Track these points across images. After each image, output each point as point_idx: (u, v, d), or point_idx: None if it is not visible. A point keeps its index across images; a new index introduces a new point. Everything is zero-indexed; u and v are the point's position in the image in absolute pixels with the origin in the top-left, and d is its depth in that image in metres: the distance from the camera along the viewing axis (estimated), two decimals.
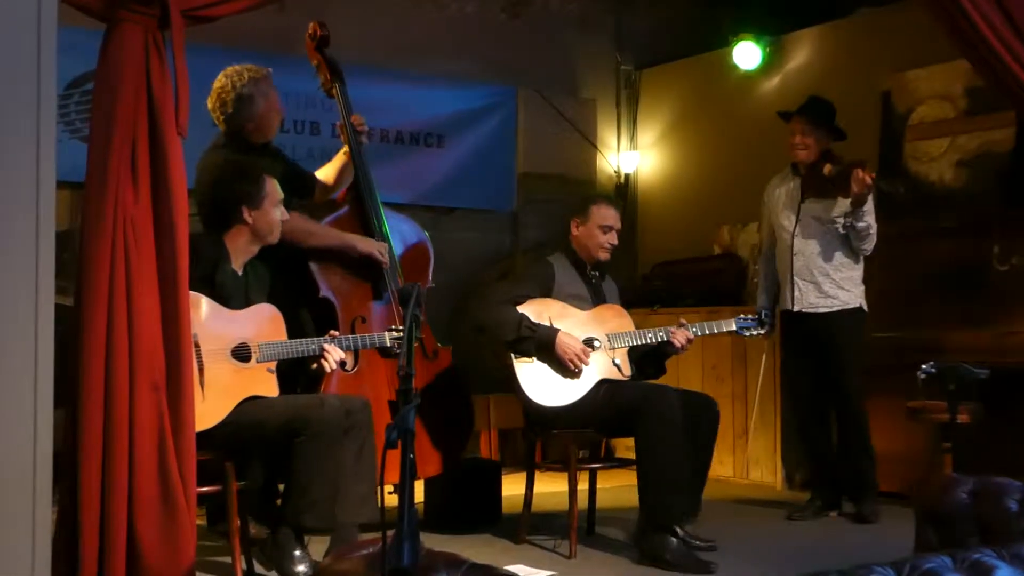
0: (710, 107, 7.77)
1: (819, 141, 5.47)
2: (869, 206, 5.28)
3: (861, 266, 5.48)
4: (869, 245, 5.41)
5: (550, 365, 4.73)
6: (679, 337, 4.89)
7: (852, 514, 5.46)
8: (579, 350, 4.70)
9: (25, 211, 3.12)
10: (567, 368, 4.70)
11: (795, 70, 7.24)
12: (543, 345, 4.69)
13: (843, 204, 5.35)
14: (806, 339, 5.48)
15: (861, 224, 5.30)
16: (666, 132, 8.06)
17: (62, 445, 3.32)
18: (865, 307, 5.49)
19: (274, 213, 4.23)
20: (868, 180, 5.13)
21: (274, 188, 4.26)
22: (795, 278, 5.46)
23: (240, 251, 4.21)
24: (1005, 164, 5.95)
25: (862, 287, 5.48)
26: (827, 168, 5.36)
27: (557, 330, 4.71)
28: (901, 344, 5.68)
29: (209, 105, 4.72)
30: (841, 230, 5.37)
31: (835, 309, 5.42)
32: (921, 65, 6.32)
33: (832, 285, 5.42)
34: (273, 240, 4.26)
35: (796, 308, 5.45)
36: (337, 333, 4.29)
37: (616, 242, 5.03)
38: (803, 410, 5.69)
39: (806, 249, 5.44)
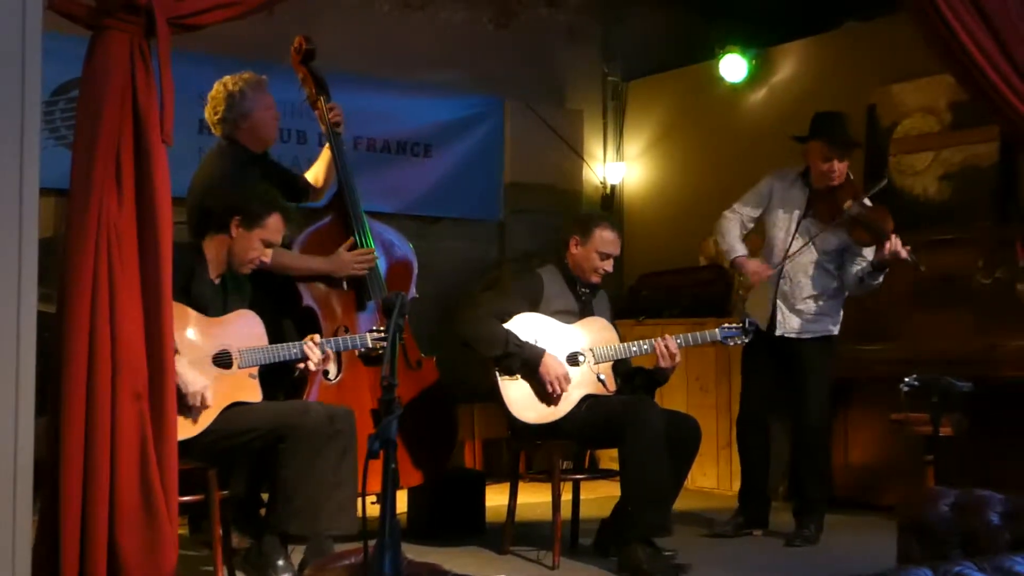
0: (696, 119, 7.79)
1: (846, 168, 5.25)
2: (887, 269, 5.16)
3: (845, 295, 5.37)
4: (862, 294, 5.34)
5: (532, 384, 4.72)
6: (660, 348, 4.80)
7: (793, 533, 5.24)
8: (561, 375, 4.68)
9: (8, 218, 3.11)
10: (546, 391, 4.69)
11: (781, 83, 7.28)
12: (528, 364, 4.68)
13: (857, 248, 5.24)
14: (775, 360, 5.32)
15: (872, 282, 5.19)
16: (652, 143, 8.08)
17: (43, 453, 3.31)
18: (837, 331, 5.37)
19: (256, 246, 4.15)
20: (904, 255, 4.99)
21: (276, 228, 4.18)
22: (778, 302, 5.30)
23: (217, 261, 4.17)
24: (989, 178, 5.98)
25: (841, 313, 5.37)
26: (848, 204, 5.14)
27: (543, 351, 4.70)
28: (885, 356, 5.69)
29: (206, 114, 4.77)
30: (837, 262, 5.27)
31: (818, 336, 5.29)
32: (906, 79, 6.35)
33: (815, 313, 5.28)
34: (241, 271, 4.20)
35: (778, 333, 5.28)
36: (319, 337, 4.26)
37: (611, 270, 4.97)
38: (748, 424, 5.51)
39: (796, 276, 5.28)
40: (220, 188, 4.45)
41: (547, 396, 4.70)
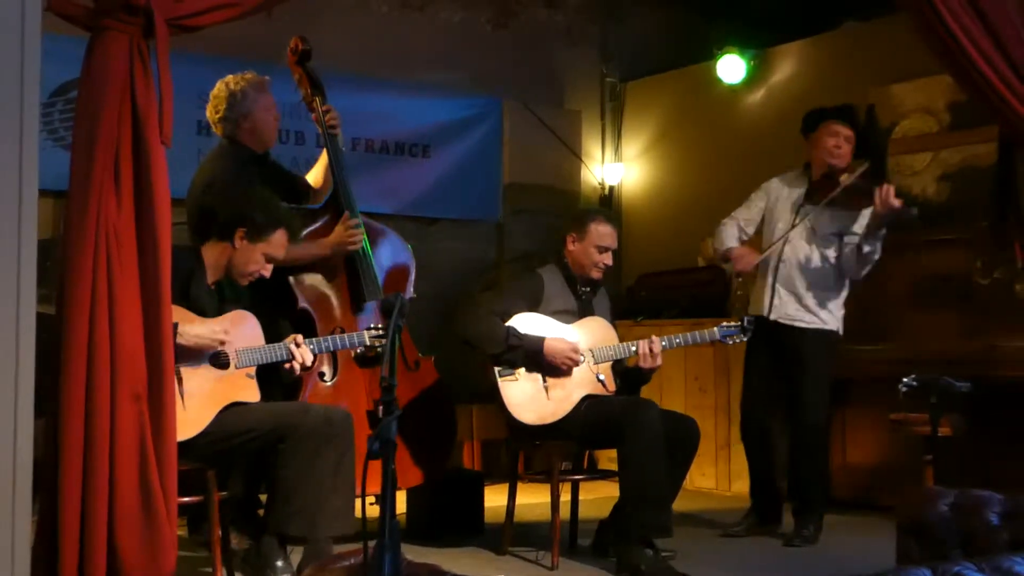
0: (695, 120, 7.80)
1: (851, 155, 5.31)
2: (883, 233, 5.13)
3: (846, 290, 5.34)
4: (864, 272, 5.26)
5: (542, 374, 4.71)
6: (644, 348, 4.78)
7: (792, 533, 5.24)
8: (568, 350, 4.69)
9: (7, 219, 3.11)
10: (561, 370, 4.69)
11: (780, 84, 7.28)
12: (532, 354, 4.68)
13: (848, 221, 5.24)
14: (774, 350, 5.29)
15: (871, 248, 5.14)
16: (651, 144, 8.08)
17: (42, 454, 3.31)
18: (841, 331, 5.35)
19: (257, 259, 4.14)
20: (896, 202, 4.98)
21: (280, 244, 4.17)
22: (777, 285, 5.28)
23: (215, 268, 4.16)
24: (988, 178, 5.98)
25: (842, 311, 5.34)
26: (844, 176, 5.20)
27: (543, 338, 4.70)
28: (884, 357, 5.69)
29: (207, 113, 4.79)
30: (837, 247, 5.25)
31: (812, 327, 5.27)
32: (905, 79, 6.35)
33: (813, 301, 5.26)
34: (239, 281, 4.19)
35: (773, 317, 5.26)
36: (301, 338, 4.23)
37: (611, 263, 4.95)
38: (750, 420, 5.52)
39: (794, 258, 5.27)
40: (222, 190, 4.45)
41: (563, 375, 4.70)
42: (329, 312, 4.86)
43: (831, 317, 5.32)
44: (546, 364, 4.69)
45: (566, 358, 4.69)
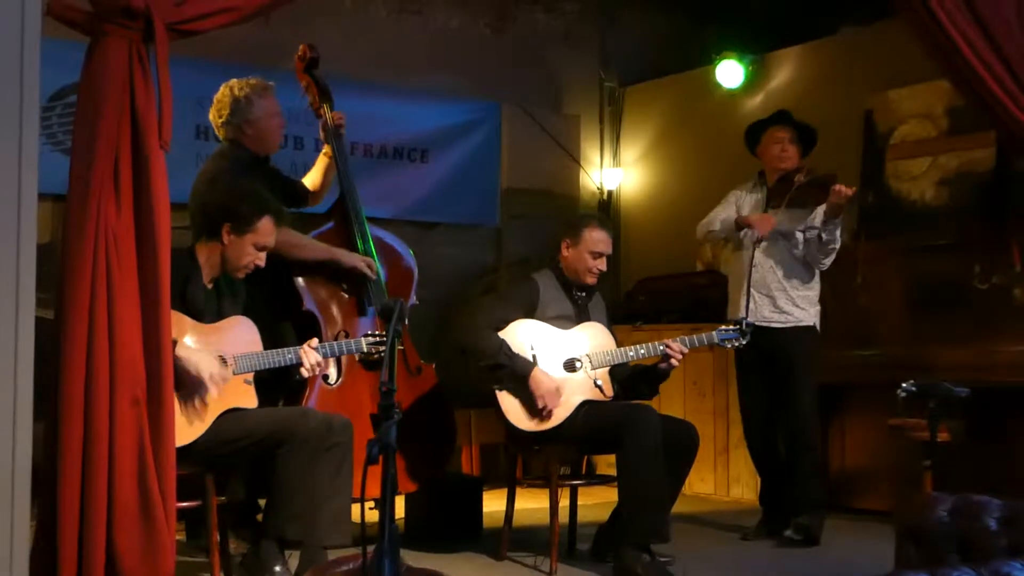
0: (693, 124, 7.80)
1: (798, 153, 5.47)
2: (839, 221, 5.27)
3: (817, 286, 5.43)
4: (829, 260, 5.38)
5: (524, 397, 4.67)
6: (674, 349, 4.79)
7: (796, 532, 5.25)
8: (551, 391, 4.63)
9: (6, 223, 3.12)
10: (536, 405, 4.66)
11: (778, 89, 7.28)
12: (518, 376, 4.66)
13: (809, 217, 5.34)
14: (758, 354, 5.30)
15: (829, 237, 5.27)
16: (649, 149, 8.09)
17: (41, 458, 3.31)
18: (818, 327, 5.42)
19: (248, 251, 4.12)
20: (847, 192, 5.14)
21: (267, 231, 4.15)
22: (752, 290, 5.34)
23: (210, 266, 4.15)
24: (986, 183, 5.99)
25: (817, 307, 5.42)
26: (798, 177, 5.34)
27: (533, 365, 4.67)
28: (883, 362, 5.69)
29: (211, 117, 4.80)
30: (803, 242, 5.35)
31: (789, 325, 5.35)
32: (903, 85, 6.35)
33: (787, 301, 5.36)
34: (236, 276, 4.18)
35: (751, 320, 5.22)
36: (316, 341, 4.25)
37: (605, 268, 4.96)
38: (753, 426, 5.57)
39: (765, 262, 5.37)
40: (215, 188, 4.46)
41: (538, 410, 4.68)
42: (333, 315, 4.87)
43: (804, 314, 5.40)
44: (529, 390, 4.64)
45: (544, 395, 4.62)
